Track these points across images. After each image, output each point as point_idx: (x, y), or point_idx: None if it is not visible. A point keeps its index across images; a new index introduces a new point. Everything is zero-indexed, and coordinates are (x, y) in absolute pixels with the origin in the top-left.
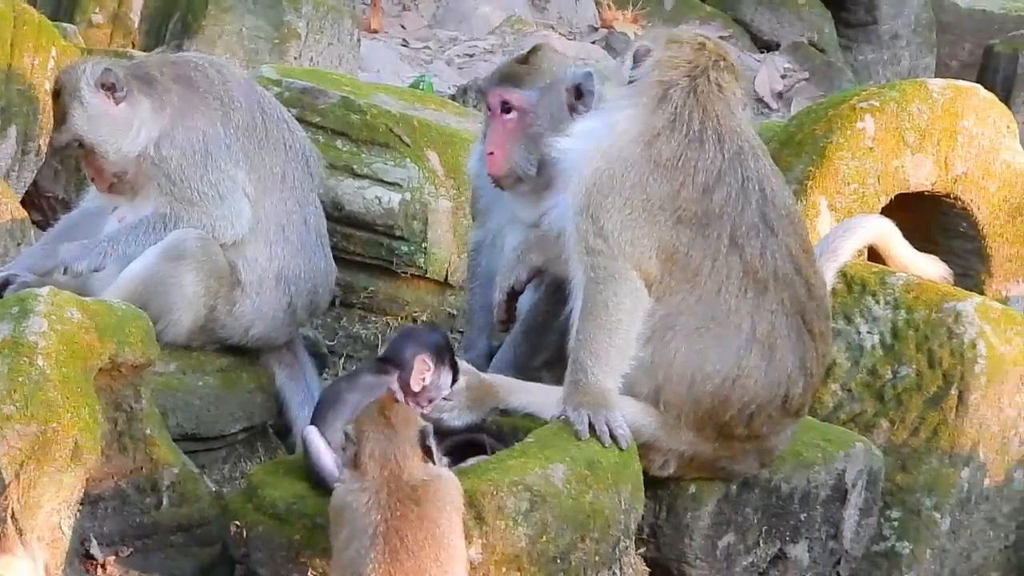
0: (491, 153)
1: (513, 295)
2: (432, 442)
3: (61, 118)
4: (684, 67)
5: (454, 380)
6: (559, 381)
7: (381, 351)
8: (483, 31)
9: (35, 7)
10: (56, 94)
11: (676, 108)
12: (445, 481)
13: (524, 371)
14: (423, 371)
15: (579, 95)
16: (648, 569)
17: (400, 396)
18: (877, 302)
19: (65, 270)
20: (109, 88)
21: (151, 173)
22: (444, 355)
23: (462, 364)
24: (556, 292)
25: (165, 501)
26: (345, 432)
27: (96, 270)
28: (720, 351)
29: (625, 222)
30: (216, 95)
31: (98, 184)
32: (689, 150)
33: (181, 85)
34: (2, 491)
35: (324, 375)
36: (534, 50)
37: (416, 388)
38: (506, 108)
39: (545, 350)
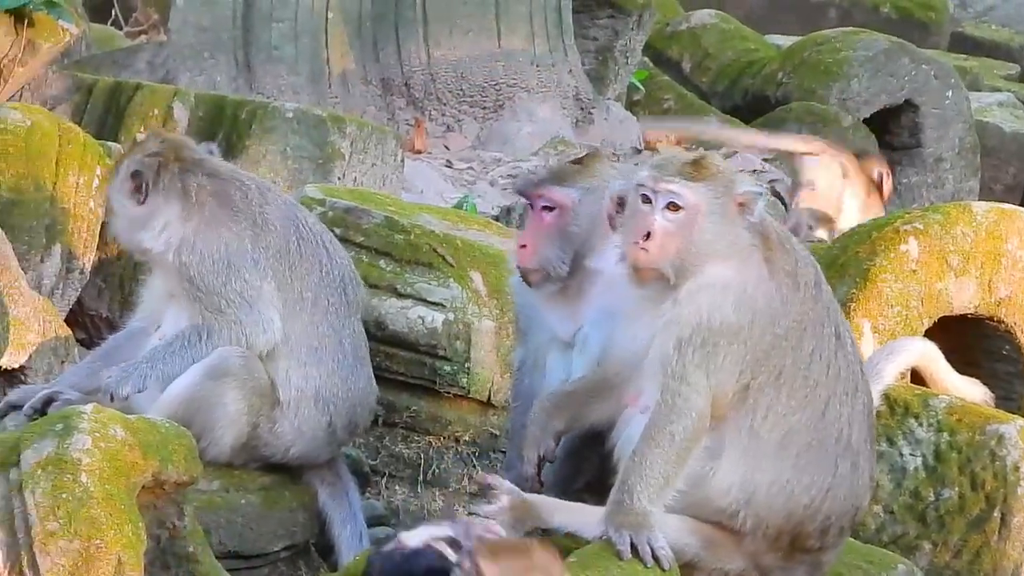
0: (523, 246)
1: (542, 464)
2: None
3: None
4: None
5: None
6: (601, 502)
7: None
8: (526, 152)
9: (80, 125)
10: None
11: (775, 230)
12: None
13: (566, 492)
14: None
15: (621, 206)
16: None
17: None
18: (920, 424)
19: (112, 397)
20: (136, 185)
21: (178, 282)
22: None
23: (505, 484)
24: None
25: None
26: None
27: (140, 391)
28: (821, 462)
29: (740, 364)
30: (249, 215)
31: None
32: (798, 256)
33: (217, 200)
34: None
35: (366, 494)
36: (590, 155)
37: None
38: (548, 207)
39: (587, 472)
